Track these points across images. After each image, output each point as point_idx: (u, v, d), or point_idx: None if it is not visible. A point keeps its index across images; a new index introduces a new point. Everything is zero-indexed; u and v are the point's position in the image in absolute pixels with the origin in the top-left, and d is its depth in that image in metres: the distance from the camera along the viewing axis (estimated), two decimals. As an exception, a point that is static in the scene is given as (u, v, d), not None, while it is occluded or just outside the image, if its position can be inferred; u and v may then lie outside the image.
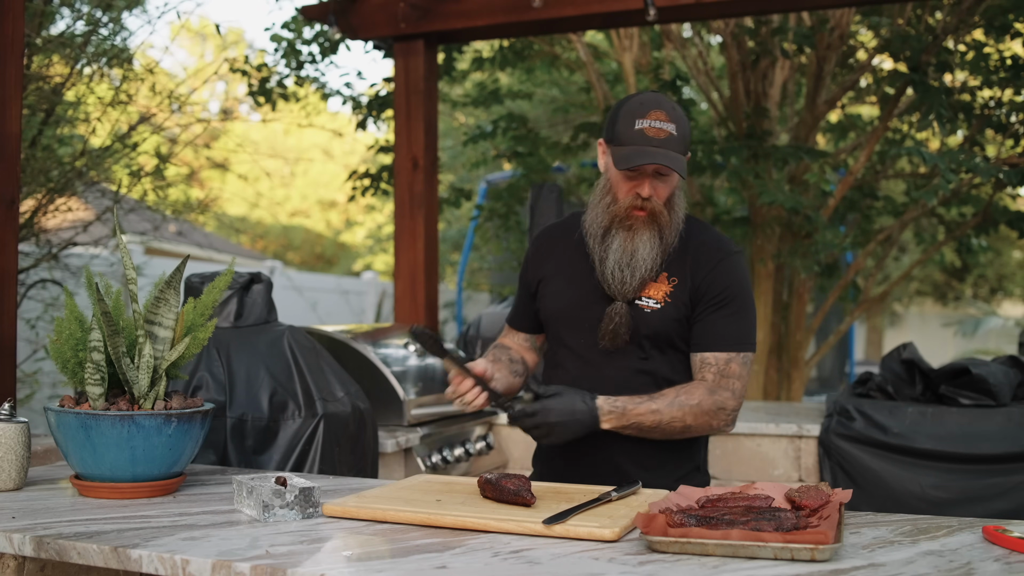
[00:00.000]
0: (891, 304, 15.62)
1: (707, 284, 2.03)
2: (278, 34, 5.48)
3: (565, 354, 2.10)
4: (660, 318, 2.02)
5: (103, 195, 4.92)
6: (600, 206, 2.05)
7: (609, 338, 2.02)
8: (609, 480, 1.98)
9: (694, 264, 2.04)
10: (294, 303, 9.92)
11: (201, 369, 2.41)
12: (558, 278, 2.13)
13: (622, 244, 2.00)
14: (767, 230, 5.03)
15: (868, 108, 8.67)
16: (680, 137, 1.96)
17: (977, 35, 4.76)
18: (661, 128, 1.94)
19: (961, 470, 3.07)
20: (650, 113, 1.95)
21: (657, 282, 2.03)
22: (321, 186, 23.36)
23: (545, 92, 7.66)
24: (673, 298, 2.02)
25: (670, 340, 2.04)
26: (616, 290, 2.01)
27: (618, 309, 2.01)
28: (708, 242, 2.08)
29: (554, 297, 2.12)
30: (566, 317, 2.09)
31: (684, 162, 1.98)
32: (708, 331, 2.03)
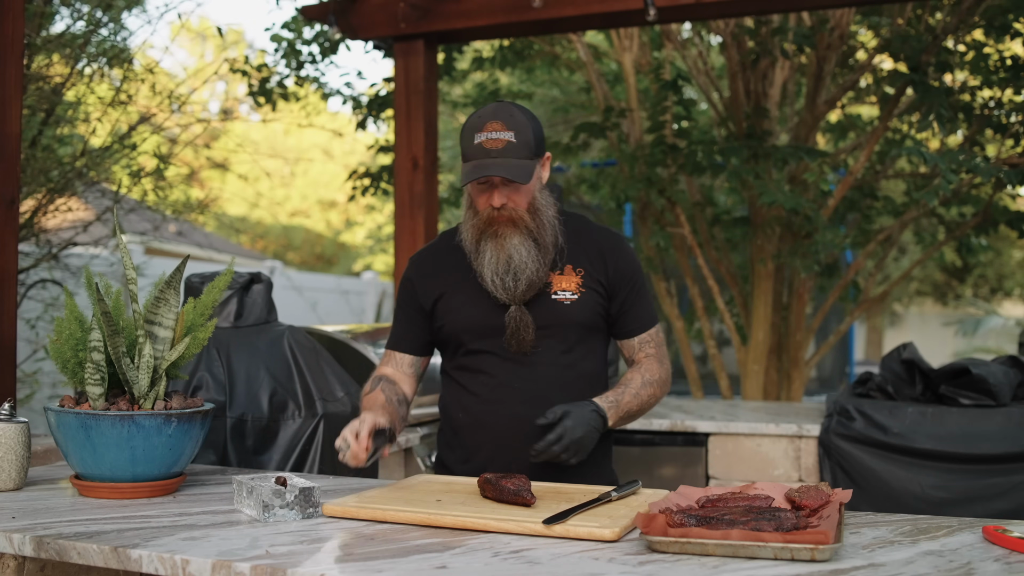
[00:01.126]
0: (891, 304, 15.62)
1: (619, 273, 2.13)
2: (278, 34, 5.48)
3: (482, 360, 2.11)
4: (581, 307, 2.09)
5: (103, 195, 4.92)
6: (467, 222, 2.11)
7: (514, 343, 2.07)
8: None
9: (597, 255, 2.12)
10: (294, 303, 9.92)
11: (201, 369, 2.41)
12: (456, 292, 2.14)
13: (494, 252, 2.05)
14: (767, 230, 5.03)
15: (868, 108, 8.67)
16: (521, 143, 1.99)
17: (977, 35, 4.76)
18: (498, 138, 1.99)
19: (961, 470, 3.07)
20: (487, 125, 2.00)
21: (564, 275, 2.10)
22: (321, 186, 23.36)
23: (545, 92, 7.66)
24: (587, 287, 2.10)
25: (594, 325, 2.12)
26: (504, 297, 2.06)
27: (513, 314, 2.06)
28: (599, 233, 2.18)
29: (457, 312, 2.13)
30: (477, 327, 2.11)
31: (528, 166, 2.00)
32: (636, 315, 2.16)
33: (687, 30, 5.90)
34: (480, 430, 2.11)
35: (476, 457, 2.13)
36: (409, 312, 2.22)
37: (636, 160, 5.13)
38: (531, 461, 1.96)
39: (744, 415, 3.57)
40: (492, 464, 2.09)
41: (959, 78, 5.16)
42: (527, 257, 2.03)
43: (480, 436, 2.12)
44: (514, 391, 2.08)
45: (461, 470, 2.16)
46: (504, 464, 2.07)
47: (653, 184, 5.10)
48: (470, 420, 2.13)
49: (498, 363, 2.10)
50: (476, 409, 2.12)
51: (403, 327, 2.24)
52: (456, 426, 2.17)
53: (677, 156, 4.99)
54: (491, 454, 2.10)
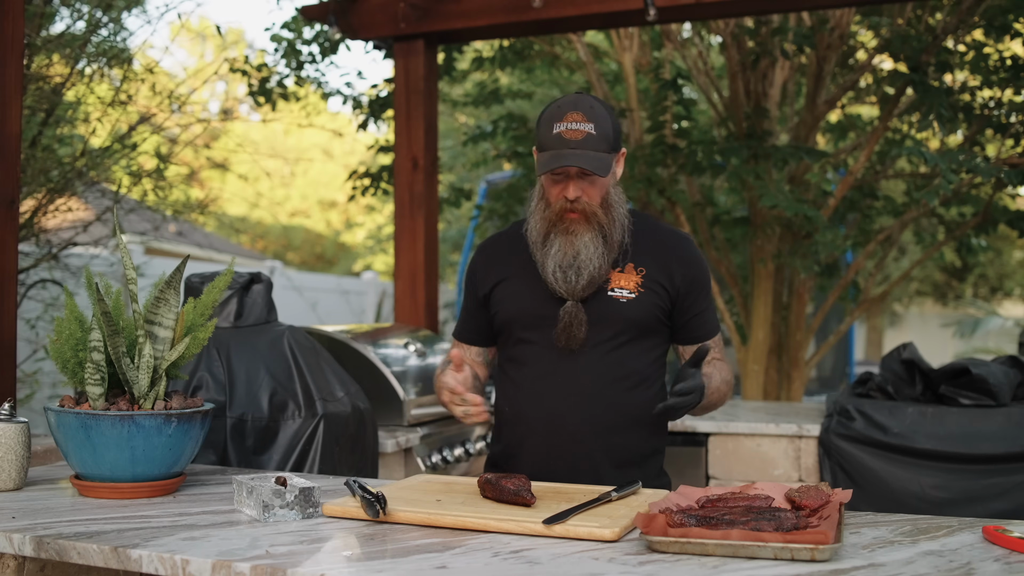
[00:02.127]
0: (891, 304, 15.62)
1: (687, 277, 2.10)
2: (278, 34, 5.48)
3: (530, 351, 2.10)
4: (638, 306, 2.06)
5: (103, 195, 4.92)
6: (536, 213, 2.09)
7: (564, 337, 2.05)
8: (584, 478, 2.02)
9: (663, 255, 2.10)
10: (294, 303, 9.92)
11: (201, 369, 2.41)
12: (512, 281, 2.13)
13: (562, 247, 2.03)
14: (767, 230, 5.03)
15: (868, 108, 8.67)
16: (600, 136, 1.97)
17: (977, 35, 4.76)
18: (578, 129, 1.97)
19: (961, 470, 3.07)
20: (567, 116, 1.98)
21: (624, 273, 2.07)
22: (321, 186, 23.36)
23: (545, 92, 7.66)
24: (646, 287, 2.07)
25: (649, 327, 2.08)
26: (563, 291, 2.04)
27: (568, 308, 2.04)
28: (667, 234, 2.16)
29: (512, 299, 2.13)
30: (527, 316, 2.10)
31: (606, 160, 1.98)
32: (704, 321, 2.13)
33: (687, 30, 5.90)
34: (520, 424, 2.10)
35: (518, 450, 2.12)
36: (471, 302, 2.22)
37: (636, 160, 5.12)
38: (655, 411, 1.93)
39: (744, 415, 3.57)
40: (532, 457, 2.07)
41: (959, 78, 5.16)
42: (593, 254, 2.01)
43: (520, 430, 2.11)
44: (555, 385, 2.05)
45: (503, 465, 2.15)
46: (542, 458, 2.06)
47: (653, 184, 5.10)
48: (512, 413, 2.12)
49: (543, 355, 2.08)
50: (518, 402, 2.10)
51: (467, 317, 2.25)
52: (501, 420, 2.17)
53: (677, 156, 4.99)
54: (532, 447, 2.08)
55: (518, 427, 2.11)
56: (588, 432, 2.05)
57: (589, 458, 2.05)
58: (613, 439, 2.07)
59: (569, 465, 2.05)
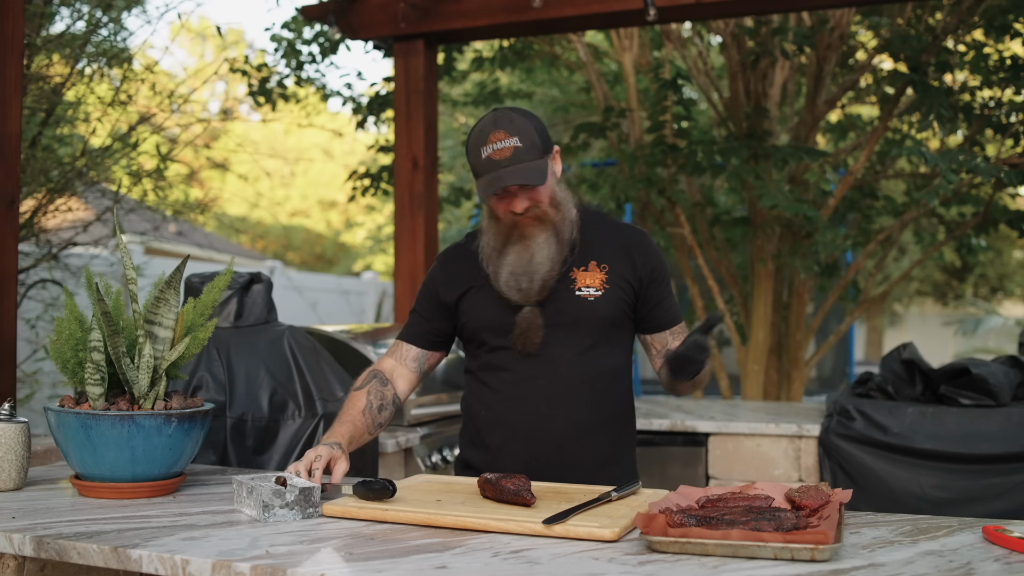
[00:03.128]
0: (891, 304, 15.62)
1: (647, 269, 2.12)
2: (278, 34, 5.48)
3: (507, 357, 2.10)
4: (606, 303, 2.07)
5: (103, 195, 4.92)
6: (488, 230, 2.10)
7: (521, 343, 2.06)
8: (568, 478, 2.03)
9: (623, 251, 2.12)
10: (294, 303, 9.92)
11: (201, 369, 2.41)
12: (480, 291, 2.14)
13: (518, 254, 2.04)
14: (767, 230, 5.03)
15: (868, 108, 8.67)
16: (528, 145, 1.98)
17: (977, 35, 4.76)
18: (505, 147, 1.97)
19: (961, 470, 3.07)
20: (490, 137, 1.99)
21: (588, 271, 2.09)
22: (321, 186, 23.35)
23: (545, 92, 7.66)
24: (611, 283, 2.08)
25: (618, 322, 2.11)
26: (518, 298, 2.05)
27: (525, 315, 2.05)
28: (623, 230, 2.18)
29: (482, 308, 2.13)
30: (497, 324, 2.11)
31: (541, 166, 1.99)
32: (667, 309, 2.16)
33: (687, 30, 5.90)
34: (502, 427, 2.11)
35: (499, 454, 2.12)
36: (428, 305, 2.22)
37: (636, 160, 5.12)
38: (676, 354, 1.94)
39: (744, 415, 3.57)
40: (514, 460, 2.08)
41: (959, 78, 5.16)
42: (546, 256, 2.03)
43: (502, 433, 2.11)
44: (536, 388, 2.07)
45: (484, 468, 2.14)
46: (525, 461, 2.06)
47: (653, 184, 5.10)
48: (492, 417, 2.12)
49: (520, 360, 2.08)
50: (498, 406, 2.11)
51: (418, 319, 2.24)
52: (478, 424, 2.17)
53: (677, 156, 4.99)
54: (514, 450, 2.09)
55: (498, 431, 2.12)
56: (571, 432, 2.07)
57: (572, 457, 2.07)
58: (594, 437, 2.09)
59: (554, 466, 2.06)
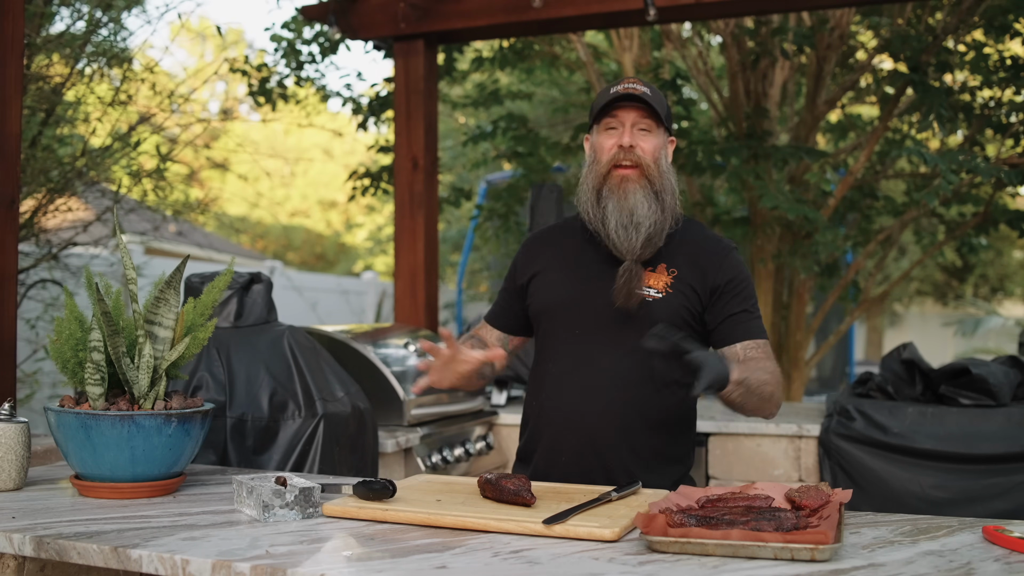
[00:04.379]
0: (891, 304, 15.62)
1: (724, 278, 2.04)
2: (278, 34, 5.48)
3: (559, 347, 2.08)
4: (665, 306, 2.01)
5: (103, 195, 4.92)
6: (588, 175, 2.08)
7: (623, 295, 1.99)
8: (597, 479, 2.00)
9: (699, 258, 2.05)
10: (294, 303, 9.91)
11: (201, 369, 2.41)
12: (551, 272, 2.13)
13: (617, 205, 2.00)
14: (767, 230, 5.03)
15: (868, 108, 8.67)
16: (657, 100, 2.01)
17: (977, 35, 4.76)
18: (635, 88, 2.01)
19: (961, 470, 3.07)
20: (624, 80, 2.04)
21: (656, 273, 2.04)
22: (321, 186, 23.35)
23: (545, 92, 7.66)
24: (675, 288, 2.02)
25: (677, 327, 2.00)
26: (623, 248, 2.00)
27: (627, 266, 1.99)
28: (707, 237, 2.12)
29: (549, 288, 2.12)
30: (562, 305, 2.08)
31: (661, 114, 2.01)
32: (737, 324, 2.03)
33: (687, 30, 5.90)
34: (542, 418, 2.09)
35: (537, 446, 2.11)
36: (508, 289, 2.23)
37: (636, 160, 5.11)
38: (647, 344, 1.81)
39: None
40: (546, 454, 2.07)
41: (959, 78, 5.16)
42: (649, 211, 1.99)
43: (542, 424, 2.10)
44: (576, 382, 2.03)
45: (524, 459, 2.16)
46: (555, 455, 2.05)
47: (653, 184, 5.09)
48: (539, 407, 2.11)
49: (569, 351, 2.06)
50: (542, 396, 2.09)
51: (500, 302, 2.26)
52: (528, 413, 2.16)
53: (677, 156, 4.99)
54: (548, 444, 2.08)
55: (540, 422, 2.11)
56: (604, 430, 2.01)
57: (601, 458, 2.02)
58: (633, 440, 2.02)
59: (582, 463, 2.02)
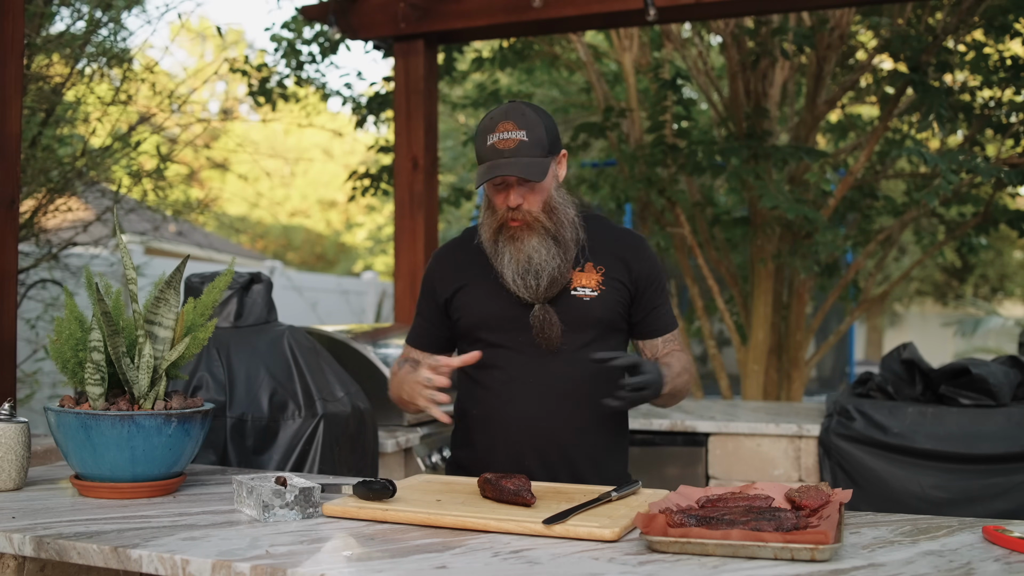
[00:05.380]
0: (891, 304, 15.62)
1: (643, 273, 2.12)
2: (278, 34, 5.48)
3: (498, 354, 2.09)
4: (601, 304, 2.07)
5: (103, 195, 4.92)
6: (484, 222, 2.10)
7: (543, 340, 2.05)
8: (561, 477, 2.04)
9: (619, 255, 2.11)
10: (294, 303, 9.91)
11: (201, 369, 2.41)
12: (475, 286, 2.13)
13: (513, 255, 2.03)
14: (767, 230, 5.03)
15: (868, 108, 8.67)
16: (534, 141, 1.97)
17: (977, 35, 4.76)
18: (510, 138, 1.97)
19: (961, 470, 3.07)
20: (498, 126, 1.99)
21: (585, 271, 2.09)
22: (321, 186, 23.35)
23: (545, 93, 7.66)
24: (607, 285, 2.08)
25: (613, 323, 2.10)
26: (527, 296, 2.04)
27: (537, 313, 2.05)
28: (620, 234, 2.17)
29: (476, 304, 2.13)
30: (492, 320, 2.10)
31: (542, 164, 1.98)
32: (660, 315, 2.16)
33: (687, 30, 5.90)
34: (493, 426, 2.10)
35: (490, 454, 2.12)
36: (428, 308, 2.23)
37: (636, 160, 5.12)
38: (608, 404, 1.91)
39: (744, 415, 3.57)
40: (504, 459, 2.07)
41: (959, 78, 5.16)
42: (547, 256, 2.02)
43: (493, 432, 2.10)
44: (528, 387, 2.06)
45: (475, 468, 2.14)
46: (516, 460, 2.06)
47: (653, 184, 5.10)
48: (483, 416, 2.12)
49: (513, 358, 2.08)
50: (489, 404, 2.10)
51: (422, 323, 2.25)
52: (470, 423, 2.16)
53: (677, 156, 4.99)
54: (505, 449, 2.09)
55: (490, 429, 2.11)
56: (563, 432, 2.06)
57: (565, 457, 2.07)
58: (585, 438, 2.09)
59: (546, 465, 2.06)
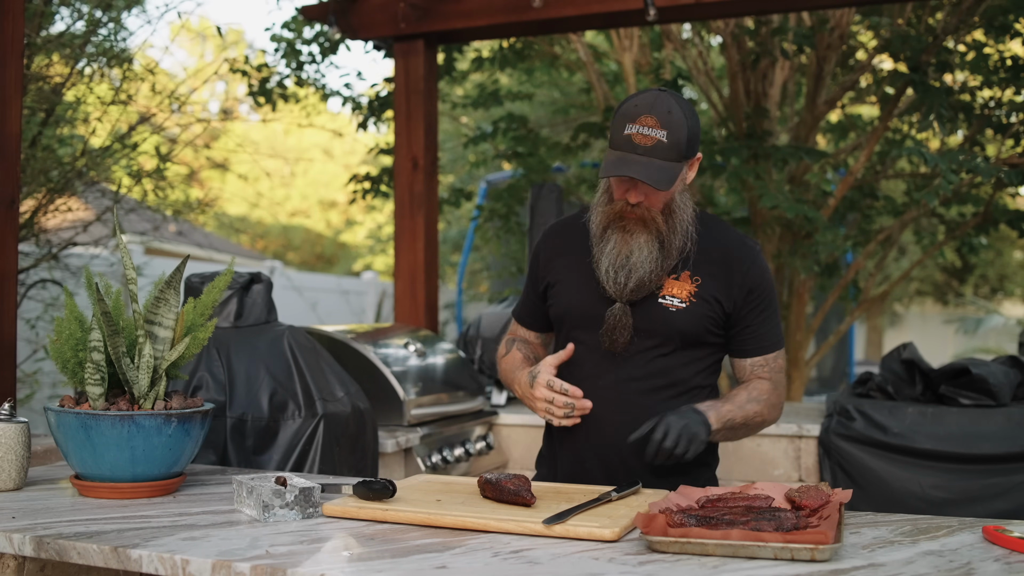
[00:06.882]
0: (891, 304, 15.62)
1: (744, 288, 2.02)
2: (278, 34, 5.48)
3: (579, 351, 2.07)
4: (688, 316, 2.00)
5: (103, 195, 4.92)
6: (599, 206, 2.04)
7: (607, 340, 2.01)
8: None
9: (723, 266, 2.03)
10: (294, 303, 9.91)
11: (201, 369, 2.41)
12: (568, 277, 2.11)
13: (617, 245, 1.98)
14: (767, 230, 5.03)
15: (868, 108, 8.67)
16: (672, 144, 1.88)
17: (977, 35, 4.76)
18: (649, 135, 1.88)
19: (961, 470, 3.07)
20: (640, 118, 1.90)
21: (679, 280, 2.01)
22: (321, 186, 23.35)
23: (545, 93, 7.66)
24: (699, 297, 2.00)
25: (698, 338, 2.02)
26: (612, 291, 2.00)
27: (615, 311, 2.00)
28: (732, 242, 2.06)
29: (565, 296, 2.10)
30: (577, 316, 2.07)
31: (672, 171, 1.90)
32: (756, 335, 2.05)
33: (687, 30, 5.90)
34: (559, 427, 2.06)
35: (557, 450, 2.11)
36: (532, 287, 2.22)
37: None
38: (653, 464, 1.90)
39: (744, 415, 3.57)
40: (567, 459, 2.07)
41: (959, 78, 5.16)
42: (647, 257, 1.96)
43: (561, 429, 2.09)
44: (596, 388, 2.02)
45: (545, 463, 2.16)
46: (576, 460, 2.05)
47: (653, 184, 5.09)
48: None
49: (588, 356, 2.05)
50: None
51: (527, 301, 2.25)
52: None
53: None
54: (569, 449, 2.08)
55: (556, 429, 2.11)
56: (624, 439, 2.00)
57: (624, 465, 2.02)
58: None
59: (604, 470, 2.03)
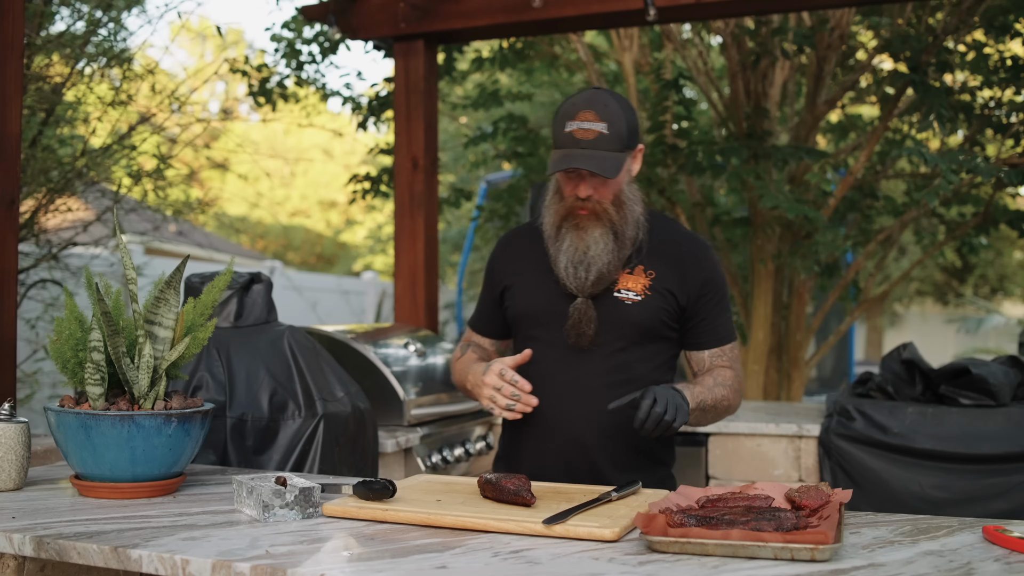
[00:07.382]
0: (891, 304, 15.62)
1: (697, 282, 2.06)
2: (278, 34, 5.48)
3: (538, 349, 2.09)
4: (643, 310, 2.04)
5: (103, 195, 4.92)
6: (550, 206, 2.09)
7: (573, 335, 2.04)
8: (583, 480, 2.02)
9: (676, 261, 2.07)
10: (294, 303, 9.91)
11: (201, 369, 2.41)
12: (526, 277, 2.14)
13: (572, 242, 2.02)
14: (767, 230, 5.03)
15: (868, 108, 8.67)
16: (613, 135, 1.94)
17: (977, 35, 4.76)
18: (590, 129, 1.94)
19: (961, 470, 3.07)
20: (579, 114, 1.95)
21: (633, 275, 2.05)
22: (321, 186, 23.35)
23: (545, 93, 7.65)
24: (654, 291, 2.04)
25: (654, 331, 2.06)
26: (574, 287, 2.03)
27: (578, 306, 2.03)
28: (683, 238, 2.12)
29: (523, 295, 2.13)
30: (537, 314, 2.10)
31: (617, 160, 1.95)
32: (711, 328, 2.09)
33: (687, 30, 5.90)
34: (522, 422, 2.09)
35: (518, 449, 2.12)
36: (488, 294, 2.24)
37: (636, 160, 5.11)
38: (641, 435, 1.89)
39: (744, 415, 3.57)
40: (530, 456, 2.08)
41: (959, 78, 5.16)
42: (603, 250, 2.00)
43: (522, 428, 2.11)
44: (557, 385, 2.05)
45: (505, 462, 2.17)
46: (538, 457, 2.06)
47: (653, 184, 5.10)
48: None
49: (548, 354, 2.07)
50: None
51: (483, 308, 2.27)
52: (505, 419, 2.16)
53: (677, 156, 4.99)
54: (532, 446, 2.09)
55: (521, 425, 2.12)
56: (586, 434, 2.05)
57: (587, 460, 2.05)
58: (612, 443, 2.06)
59: (566, 466, 2.05)
